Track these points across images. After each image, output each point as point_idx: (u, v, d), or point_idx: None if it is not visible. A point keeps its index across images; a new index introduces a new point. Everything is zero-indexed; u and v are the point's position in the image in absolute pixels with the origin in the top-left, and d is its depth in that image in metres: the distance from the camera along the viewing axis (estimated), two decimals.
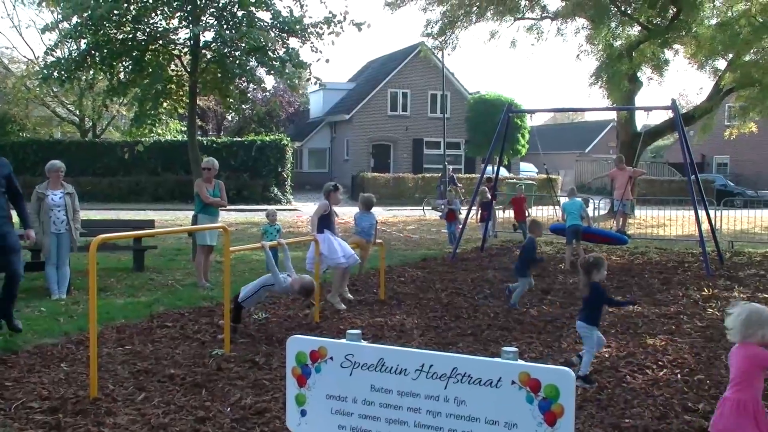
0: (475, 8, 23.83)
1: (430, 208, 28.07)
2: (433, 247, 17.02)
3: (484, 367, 2.83)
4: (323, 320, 9.05)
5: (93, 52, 18.43)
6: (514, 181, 34.91)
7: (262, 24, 18.31)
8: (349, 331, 3.22)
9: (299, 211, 28.76)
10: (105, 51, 18.38)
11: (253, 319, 8.80)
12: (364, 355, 3.10)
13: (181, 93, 19.89)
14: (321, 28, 18.29)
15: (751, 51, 22.25)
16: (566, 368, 2.71)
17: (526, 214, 17.31)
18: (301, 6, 19.01)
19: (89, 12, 17.04)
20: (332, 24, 18.08)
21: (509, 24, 25.28)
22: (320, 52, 18.75)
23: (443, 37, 25.16)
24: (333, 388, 3.17)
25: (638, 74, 24.74)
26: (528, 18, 25.65)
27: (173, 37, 19.40)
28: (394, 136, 43.39)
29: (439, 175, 30.86)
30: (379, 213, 26.63)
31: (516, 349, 2.84)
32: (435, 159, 41.13)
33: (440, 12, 24.63)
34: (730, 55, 22.98)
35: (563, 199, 16.88)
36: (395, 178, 37.47)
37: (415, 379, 2.95)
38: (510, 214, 19.83)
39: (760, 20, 20.90)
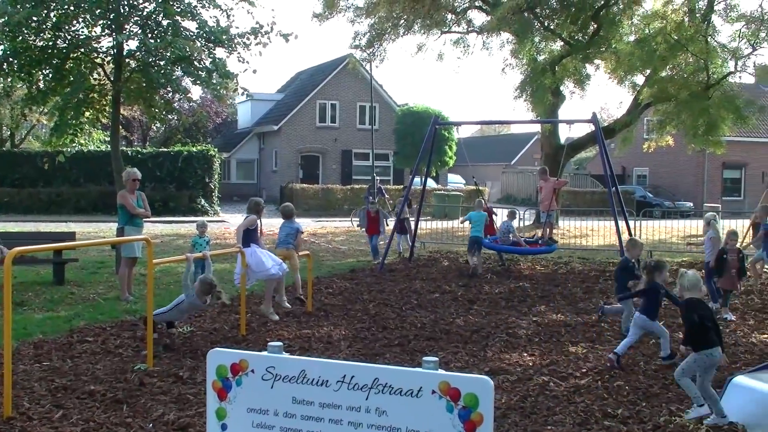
0: (402, 21, 24.05)
1: (358, 219, 28.10)
2: (361, 258, 17.03)
3: (405, 377, 2.84)
4: (249, 333, 8.96)
5: (10, 59, 17.86)
6: (443, 192, 35.30)
7: (187, 33, 18.07)
8: (270, 343, 3.19)
9: (227, 223, 28.38)
10: (23, 58, 17.85)
11: (178, 332, 8.64)
12: (286, 367, 3.08)
13: (104, 102, 19.44)
14: (248, 39, 18.16)
15: (667, 67, 23.03)
16: (485, 377, 2.74)
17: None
18: (228, 16, 18.85)
19: (5, 18, 16.52)
20: (259, 35, 17.97)
21: (436, 37, 25.62)
22: (247, 62, 18.64)
23: (371, 49, 25.30)
24: (254, 401, 3.14)
25: (561, 88, 25.30)
26: (455, 32, 26.02)
27: (96, 45, 18.96)
28: (323, 148, 43.33)
29: (368, 186, 30.95)
30: (308, 224, 26.52)
31: (436, 359, 2.86)
32: (364, 170, 41.23)
33: (368, 24, 24.79)
34: (648, 71, 23.71)
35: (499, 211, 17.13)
36: (324, 189, 37.39)
37: (336, 390, 2.95)
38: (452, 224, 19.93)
39: (675, 38, 21.67)
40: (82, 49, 18.61)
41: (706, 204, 31.56)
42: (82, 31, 18.76)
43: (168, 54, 17.65)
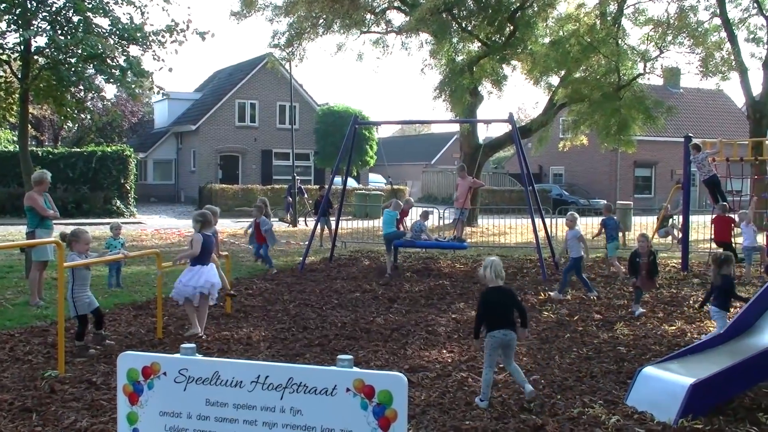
0: (321, 21, 23.99)
1: (278, 219, 27.89)
2: (282, 258, 16.91)
3: (320, 375, 2.84)
4: (166, 336, 8.79)
5: None
6: (364, 191, 35.36)
7: (100, 30, 17.51)
8: (183, 345, 3.14)
9: (144, 224, 27.76)
10: None
11: (91, 336, 8.40)
12: (199, 368, 3.04)
13: (11, 101, 18.68)
14: (163, 37, 17.72)
15: (581, 68, 23.68)
16: (399, 374, 2.76)
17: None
18: (142, 13, 18.34)
19: None
20: (175, 33, 17.57)
21: (356, 37, 25.66)
22: (163, 60, 18.17)
23: (290, 49, 25.14)
24: (166, 404, 3.08)
25: (479, 88, 25.71)
26: (374, 32, 26.12)
27: (1, 41, 18.21)
28: (243, 147, 42.83)
29: (288, 186, 30.73)
30: (228, 225, 26.19)
31: (351, 357, 2.86)
32: (284, 170, 40.92)
33: (287, 23, 24.62)
34: (562, 72, 24.32)
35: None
36: (244, 189, 36.96)
37: (250, 391, 2.92)
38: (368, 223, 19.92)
39: (588, 40, 22.31)
40: None
41: (619, 201, 32.52)
42: None
43: (79, 51, 17.09)
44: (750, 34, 26.58)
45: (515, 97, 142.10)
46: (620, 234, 17.36)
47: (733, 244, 14.46)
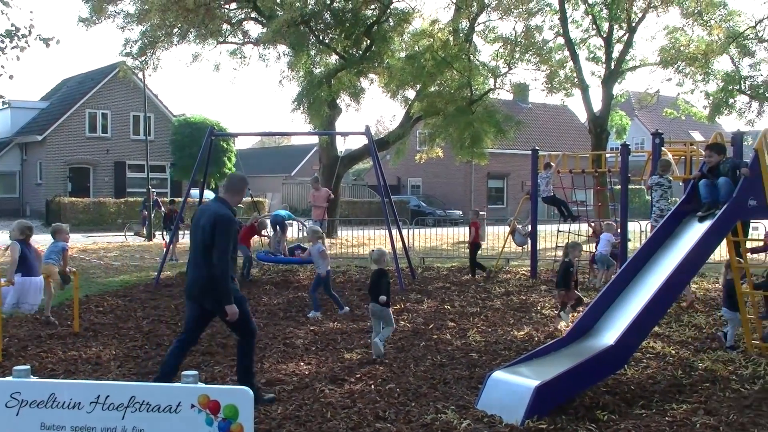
0: (176, 30, 23.41)
1: (132, 233, 26.96)
2: (135, 273, 16.34)
3: (163, 393, 2.77)
4: (6, 358, 8.28)
5: None
6: None
7: None
8: (15, 368, 2.98)
9: None
10: None
11: None
12: (33, 391, 2.88)
13: None
14: (2, 42, 16.81)
15: (435, 83, 24.36)
16: (245, 387, 2.74)
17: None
18: None
19: None
20: (15, 38, 16.69)
21: (212, 47, 25.23)
22: (2, 67, 17.18)
23: (144, 57, 24.38)
24: None
25: (337, 101, 25.91)
26: (231, 42, 25.79)
27: None
28: (94, 159, 41.07)
29: (143, 199, 29.72)
30: (78, 240, 25.02)
31: (196, 373, 2.81)
32: (139, 182, 39.56)
33: (139, 32, 23.89)
34: (418, 86, 24.92)
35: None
36: (96, 202, 35.42)
37: (90, 412, 2.81)
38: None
39: (442, 55, 23.00)
40: None
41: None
42: None
43: None
44: (590, 54, 28.29)
45: (373, 109, 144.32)
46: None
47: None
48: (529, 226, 16.48)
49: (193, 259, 6.55)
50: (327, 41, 24.45)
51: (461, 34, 25.19)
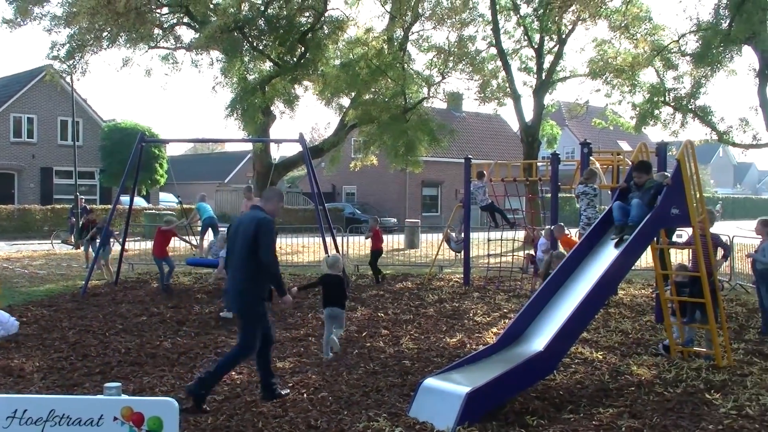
0: (106, 33, 22.87)
1: (60, 241, 26.23)
2: (62, 282, 15.89)
3: (84, 405, 2.69)
4: None
5: None
6: (154, 211, 34.10)
7: None
8: None
9: None
10: None
11: None
12: None
13: None
14: None
15: (370, 91, 24.43)
16: (170, 399, 2.69)
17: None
18: None
19: None
20: None
21: (143, 52, 24.68)
22: None
23: (72, 61, 23.72)
24: None
25: (272, 108, 25.71)
26: (162, 47, 25.31)
27: None
28: (19, 165, 39.81)
29: (71, 206, 28.94)
30: (2, 248, 24.24)
31: (119, 385, 2.75)
32: (66, 189, 38.51)
33: (67, 35, 23.25)
34: (353, 94, 24.94)
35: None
36: (20, 209, 34.29)
37: (6, 427, 2.71)
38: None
39: (376, 63, 23.09)
40: None
41: (407, 219, 33.81)
42: None
43: None
44: (522, 64, 28.81)
45: (308, 117, 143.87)
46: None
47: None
48: (462, 234, 16.66)
49: (232, 273, 7.08)
50: (261, 48, 24.24)
51: (395, 43, 25.34)
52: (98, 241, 16.15)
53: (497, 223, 16.00)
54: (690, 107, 22.55)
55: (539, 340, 7.32)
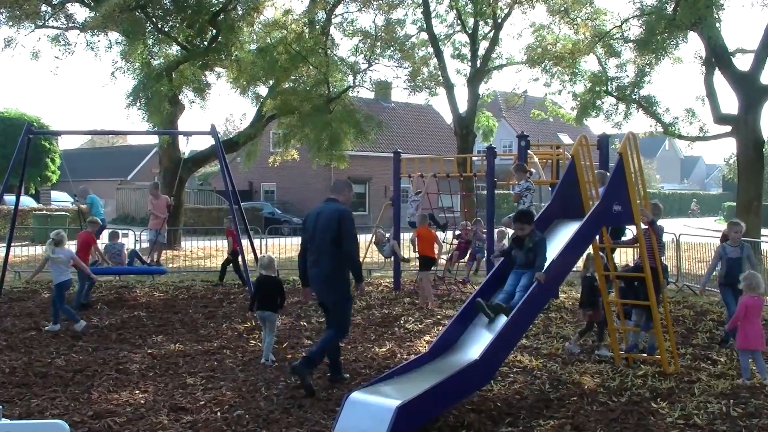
0: None
1: None
2: None
3: None
4: None
5: None
6: (45, 212, 33.17)
7: None
8: None
9: None
10: None
11: None
12: None
13: None
14: None
15: (290, 78, 24.30)
16: (60, 421, 2.60)
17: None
18: None
19: None
20: None
21: (29, 31, 23.94)
22: None
23: None
24: None
25: (180, 96, 25.31)
26: (52, 27, 24.61)
27: None
28: None
29: None
30: None
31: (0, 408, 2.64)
32: None
33: None
34: (271, 82, 24.76)
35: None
36: None
37: None
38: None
39: (296, 49, 22.98)
40: None
41: None
42: None
43: None
44: (455, 51, 29.15)
45: (222, 107, 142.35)
46: None
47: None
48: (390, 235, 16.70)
49: (317, 259, 8.07)
50: (167, 29, 23.80)
51: (317, 26, 25.29)
52: None
53: (438, 223, 16.04)
54: (634, 97, 23.09)
55: (475, 349, 7.37)
